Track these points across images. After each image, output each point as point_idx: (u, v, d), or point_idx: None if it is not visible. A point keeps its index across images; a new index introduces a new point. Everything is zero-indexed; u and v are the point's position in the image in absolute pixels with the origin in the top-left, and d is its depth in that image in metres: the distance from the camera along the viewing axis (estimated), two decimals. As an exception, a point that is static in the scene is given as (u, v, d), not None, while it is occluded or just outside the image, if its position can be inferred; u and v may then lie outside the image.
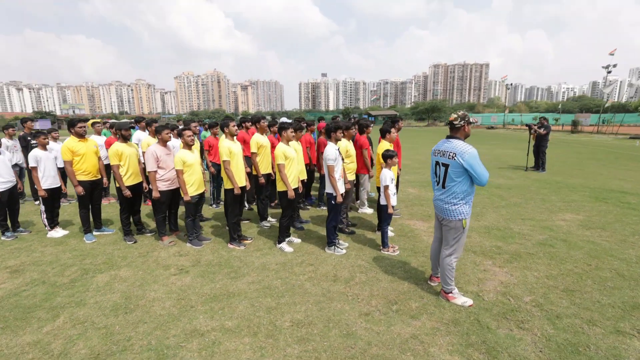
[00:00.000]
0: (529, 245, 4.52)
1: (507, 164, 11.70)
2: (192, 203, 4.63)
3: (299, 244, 4.75)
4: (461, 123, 3.02)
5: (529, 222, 5.46)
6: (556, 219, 5.61)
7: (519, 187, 8.03)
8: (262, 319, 3.04)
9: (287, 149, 4.33)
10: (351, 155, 4.85)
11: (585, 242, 4.62)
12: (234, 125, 4.53)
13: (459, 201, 3.03)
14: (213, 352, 2.63)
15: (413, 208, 6.45)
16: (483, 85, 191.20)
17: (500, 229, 5.17)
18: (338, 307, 3.17)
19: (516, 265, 3.95)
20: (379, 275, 3.77)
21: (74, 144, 4.85)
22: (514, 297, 3.26)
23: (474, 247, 4.48)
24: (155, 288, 3.66)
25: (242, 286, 3.64)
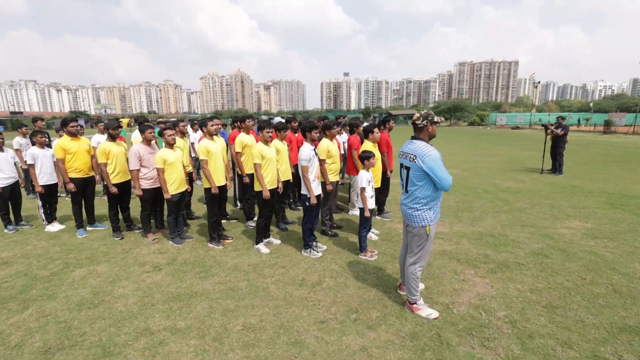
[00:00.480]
0: (521, 255, 4.18)
1: (522, 166, 11.06)
2: (173, 201, 4.64)
3: (277, 245, 4.66)
4: (424, 123, 2.81)
5: (528, 229, 5.07)
6: (560, 227, 5.18)
7: (528, 191, 7.53)
8: (215, 321, 2.96)
9: (264, 149, 4.24)
10: (333, 156, 4.69)
11: (585, 252, 4.22)
12: (213, 124, 4.50)
13: (421, 207, 2.82)
14: (156, 353, 2.59)
15: (407, 211, 6.18)
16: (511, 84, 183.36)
17: (494, 236, 4.83)
18: (295, 313, 3.04)
19: (500, 276, 3.65)
20: (349, 281, 3.60)
21: (66, 143, 5.00)
22: (487, 311, 3.00)
23: (459, 255, 4.20)
24: (125, 285, 3.69)
25: (207, 286, 3.59)
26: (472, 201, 6.75)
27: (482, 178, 9.16)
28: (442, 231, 5.07)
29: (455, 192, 7.51)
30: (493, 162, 12.11)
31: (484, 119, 46.97)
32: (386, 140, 5.53)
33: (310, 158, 3.97)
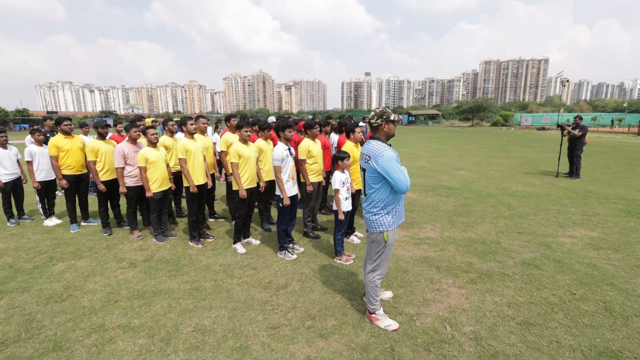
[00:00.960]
0: (509, 265, 3.87)
1: (538, 169, 10.44)
2: (155, 199, 4.67)
3: (255, 245, 4.58)
4: (378, 122, 2.62)
5: (525, 237, 4.72)
6: (561, 235, 4.79)
7: (536, 196, 7.06)
8: (169, 320, 2.92)
9: (240, 148, 4.17)
10: (314, 156, 4.54)
11: (583, 264, 3.85)
12: (192, 123, 4.48)
13: (379, 211, 2.64)
14: (102, 350, 2.57)
15: (400, 214, 5.94)
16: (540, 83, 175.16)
17: (485, 243, 4.52)
18: (251, 317, 2.94)
19: (479, 287, 3.39)
20: (315, 286, 3.46)
21: (59, 141, 5.15)
22: (454, 325, 2.78)
23: (441, 262, 3.95)
24: (97, 280, 3.72)
25: (174, 285, 3.56)
26: (472, 205, 6.40)
27: (490, 181, 8.70)
28: (431, 236, 4.81)
29: (456, 196, 7.16)
30: (507, 165, 11.52)
31: (508, 119, 45.03)
32: None
33: (283, 158, 3.85)
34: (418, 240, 4.67)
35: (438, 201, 6.74)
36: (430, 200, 6.80)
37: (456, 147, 17.96)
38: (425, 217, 5.68)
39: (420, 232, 4.98)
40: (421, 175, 9.65)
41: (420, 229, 5.15)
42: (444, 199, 6.93)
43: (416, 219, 5.63)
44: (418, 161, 12.75)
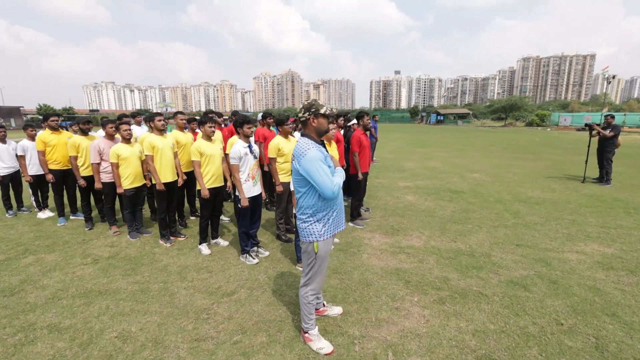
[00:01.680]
0: (492, 283, 3.36)
1: (564, 173, 9.43)
2: (127, 196, 4.59)
3: (223, 247, 4.36)
4: (306, 115, 2.27)
5: (523, 251, 4.13)
6: (567, 250, 4.14)
7: (552, 203, 6.29)
8: (99, 324, 2.76)
9: (202, 145, 3.96)
10: (285, 154, 4.24)
11: (584, 287, 3.26)
12: (160, 119, 4.33)
13: (307, 218, 2.29)
14: (17, 351, 2.46)
15: (389, 219, 5.49)
16: (585, 80, 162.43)
17: (473, 256, 4.00)
18: (181, 325, 2.71)
19: (447, 308, 2.93)
20: (264, 295, 3.17)
21: (46, 136, 5.24)
22: (398, 353, 2.37)
23: (414, 275, 3.51)
24: (54, 275, 3.67)
25: (123, 285, 3.42)
26: (474, 211, 5.80)
27: (504, 185, 7.94)
28: (413, 245, 4.35)
29: (459, 200, 6.56)
30: (530, 168, 10.54)
31: (545, 119, 41.96)
32: (358, 139, 4.92)
33: (240, 156, 3.59)
34: (397, 248, 4.23)
35: (436, 206, 6.19)
36: (428, 205, 6.26)
37: (479, 148, 16.87)
38: (415, 223, 5.20)
39: (403, 240, 4.53)
40: (429, 177, 9.03)
41: (404, 236, 4.69)
42: (445, 203, 6.36)
43: (404, 224, 5.16)
44: (432, 162, 12.04)
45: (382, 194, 7.13)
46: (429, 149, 16.61)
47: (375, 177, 9.18)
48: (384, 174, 9.58)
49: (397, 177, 9.07)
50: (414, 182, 8.43)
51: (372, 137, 11.73)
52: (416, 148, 17.31)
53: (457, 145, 18.89)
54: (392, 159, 12.83)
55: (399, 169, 10.44)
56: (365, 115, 5.07)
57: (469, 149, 16.69)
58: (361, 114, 5.06)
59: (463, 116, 57.54)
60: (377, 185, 8.10)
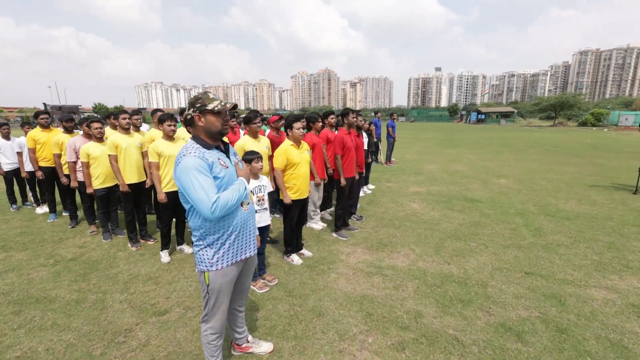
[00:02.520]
0: (477, 327, 2.63)
1: (612, 182, 8.00)
2: (98, 196, 4.42)
3: (185, 255, 4.02)
4: (190, 113, 1.77)
5: (532, 282, 3.30)
6: (593, 284, 3.24)
7: (588, 219, 5.21)
8: (10, 338, 2.53)
9: (160, 145, 3.63)
10: (252, 155, 3.78)
11: (606, 342, 2.43)
12: (124, 118, 4.08)
13: (197, 241, 1.81)
14: None
15: (381, 230, 4.82)
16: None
17: (465, 284, 3.26)
18: (89, 351, 2.37)
19: (405, 356, 2.29)
20: (196, 319, 2.73)
21: (36, 134, 5.27)
22: (316, 422, 1.81)
23: (380, 307, 2.88)
24: (9, 277, 3.56)
25: (63, 293, 3.19)
26: (485, 225, 4.94)
27: (532, 194, 6.85)
28: (396, 265, 3.69)
29: (472, 211, 5.68)
30: (571, 173, 9.14)
31: (602, 118, 37.46)
32: (341, 140, 4.31)
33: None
34: (376, 269, 3.60)
35: (443, 217, 5.39)
36: (434, 215, 5.47)
37: (516, 150, 15.22)
38: (408, 237, 4.50)
39: (387, 258, 3.88)
40: (447, 182, 8.10)
41: (390, 252, 4.03)
42: (453, 214, 5.53)
43: (396, 238, 4.48)
44: (456, 164, 10.95)
45: (386, 200, 6.43)
46: (459, 150, 15.31)
47: (386, 180, 8.44)
48: (397, 177, 8.80)
49: (411, 181, 8.25)
50: (428, 187, 7.58)
51: (389, 136, 10.94)
52: (445, 149, 16.05)
53: (492, 146, 17.28)
54: (413, 161, 11.90)
55: (417, 172, 9.56)
56: (351, 112, 4.45)
57: (504, 150, 15.13)
58: (346, 111, 4.45)
59: (507, 115, 53.36)
60: (384, 189, 7.38)
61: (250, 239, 1.93)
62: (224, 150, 1.90)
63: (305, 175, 3.59)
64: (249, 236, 1.92)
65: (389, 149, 10.92)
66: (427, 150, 15.51)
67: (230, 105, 1.84)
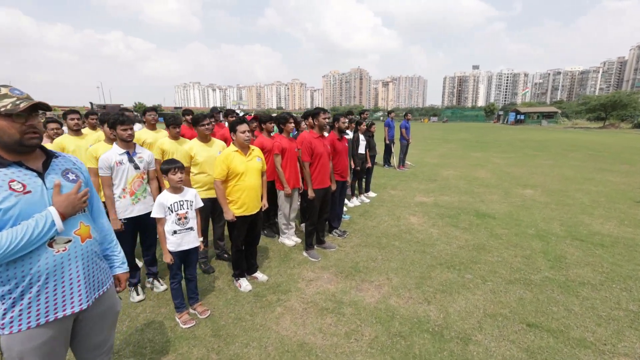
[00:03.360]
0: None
1: (669, 197, 6.59)
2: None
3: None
4: None
5: (530, 340, 2.45)
6: (623, 351, 2.34)
7: (629, 246, 4.12)
8: None
9: (98, 149, 3.20)
10: (199, 163, 3.24)
11: None
12: (72, 118, 3.72)
13: None
14: None
15: (361, 251, 4.10)
16: None
17: (441, 338, 2.48)
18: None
19: None
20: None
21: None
22: None
23: (319, 364, 2.21)
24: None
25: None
26: (491, 250, 4.05)
27: (562, 209, 5.74)
28: (363, 299, 2.97)
29: (479, 229, 4.77)
30: (615, 184, 7.73)
31: (662, 119, 33.06)
32: (308, 145, 3.65)
33: (110, 166, 2.71)
34: (334, 304, 2.92)
35: (442, 235, 4.55)
36: (432, 233, 4.65)
37: (554, 154, 13.55)
38: (391, 262, 3.74)
39: (354, 289, 3.18)
40: (461, 191, 7.12)
41: (362, 281, 3.32)
42: (457, 232, 4.67)
43: (375, 262, 3.75)
44: (479, 170, 9.79)
45: (382, 212, 5.66)
46: (487, 154, 13.92)
47: (393, 186, 7.62)
48: (406, 184, 7.93)
49: (420, 189, 7.36)
50: (437, 196, 6.67)
51: (402, 139, 10.02)
52: (472, 152, 14.70)
53: (526, 149, 15.60)
54: (431, 165, 10.88)
55: (430, 178, 8.61)
56: (322, 113, 3.75)
57: (539, 154, 13.52)
58: (316, 111, 3.77)
59: (549, 115, 49.15)
60: (385, 198, 6.59)
61: (72, 290, 1.38)
62: (44, 166, 1.37)
63: (252, 187, 2.99)
64: (70, 287, 1.37)
65: (402, 152, 10.01)
66: (451, 153, 14.28)
67: (26, 105, 1.28)
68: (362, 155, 6.03)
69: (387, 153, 10.31)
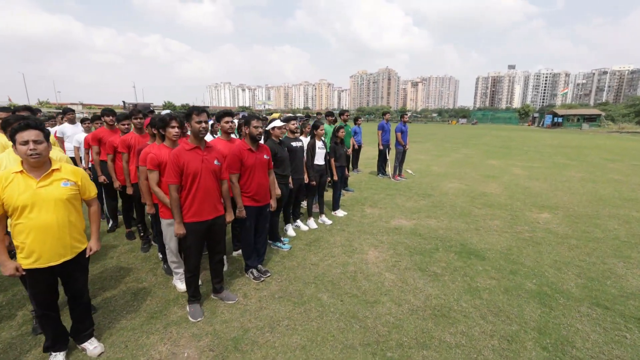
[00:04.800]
0: None
1: None
2: None
3: None
4: None
5: None
6: None
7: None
8: None
9: None
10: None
11: None
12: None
13: None
14: None
15: (269, 307, 2.90)
16: None
17: None
18: None
19: None
20: None
21: None
22: None
23: None
24: None
25: None
26: (457, 322, 2.69)
27: (583, 247, 4.16)
28: None
29: (456, 277, 3.39)
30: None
31: None
32: (237, 156, 2.49)
33: None
34: None
35: (398, 284, 3.23)
36: (386, 278, 3.33)
37: (591, 164, 11.43)
38: (295, 331, 2.51)
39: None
40: (456, 212, 5.66)
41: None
42: (421, 281, 3.32)
43: (274, 330, 2.53)
44: (491, 183, 8.15)
45: (338, 240, 4.39)
46: (507, 162, 12.05)
47: (373, 203, 6.29)
48: (391, 199, 6.56)
49: (404, 208, 5.98)
50: (421, 219, 5.28)
51: (398, 144, 8.56)
52: (490, 159, 12.85)
53: (556, 156, 13.47)
54: (435, 175, 9.34)
55: (426, 192, 7.16)
56: (255, 120, 2.61)
57: (572, 164, 11.45)
58: (249, 118, 2.68)
59: (591, 118, 44.54)
60: (355, 219, 5.30)
61: None
62: None
63: (47, 225, 1.91)
64: None
65: (397, 160, 8.58)
66: (465, 160, 12.53)
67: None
68: (320, 166, 4.79)
69: (381, 160, 8.91)
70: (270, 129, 3.73)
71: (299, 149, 4.25)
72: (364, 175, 9.11)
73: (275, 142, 3.73)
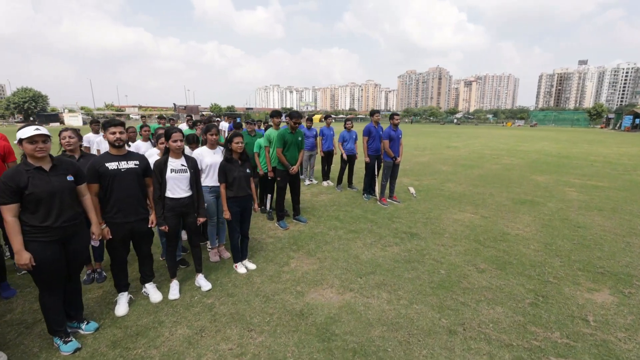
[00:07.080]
0: None
1: None
2: None
3: None
4: None
5: None
6: None
7: None
8: None
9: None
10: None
11: None
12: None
13: None
14: None
15: None
16: None
17: None
18: None
19: None
20: None
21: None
22: None
23: None
24: None
25: None
26: None
27: None
28: None
29: None
30: None
31: None
32: None
33: None
34: None
35: None
36: None
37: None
38: None
39: None
40: (436, 281, 3.31)
41: None
42: None
43: None
44: (522, 215, 5.43)
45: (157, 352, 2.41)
46: (561, 178, 8.82)
47: (311, 250, 4.16)
48: (349, 242, 4.34)
49: (353, 265, 3.76)
50: (364, 292, 3.06)
51: (386, 156, 6.19)
52: (536, 173, 9.63)
53: (637, 172, 9.72)
54: (447, 196, 6.79)
55: (413, 229, 4.81)
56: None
57: None
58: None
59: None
60: (250, 280, 3.25)
61: None
62: None
63: None
64: None
65: (385, 177, 6.22)
66: (502, 173, 9.48)
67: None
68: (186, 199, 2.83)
69: (368, 176, 6.61)
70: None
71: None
72: (344, 195, 6.90)
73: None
